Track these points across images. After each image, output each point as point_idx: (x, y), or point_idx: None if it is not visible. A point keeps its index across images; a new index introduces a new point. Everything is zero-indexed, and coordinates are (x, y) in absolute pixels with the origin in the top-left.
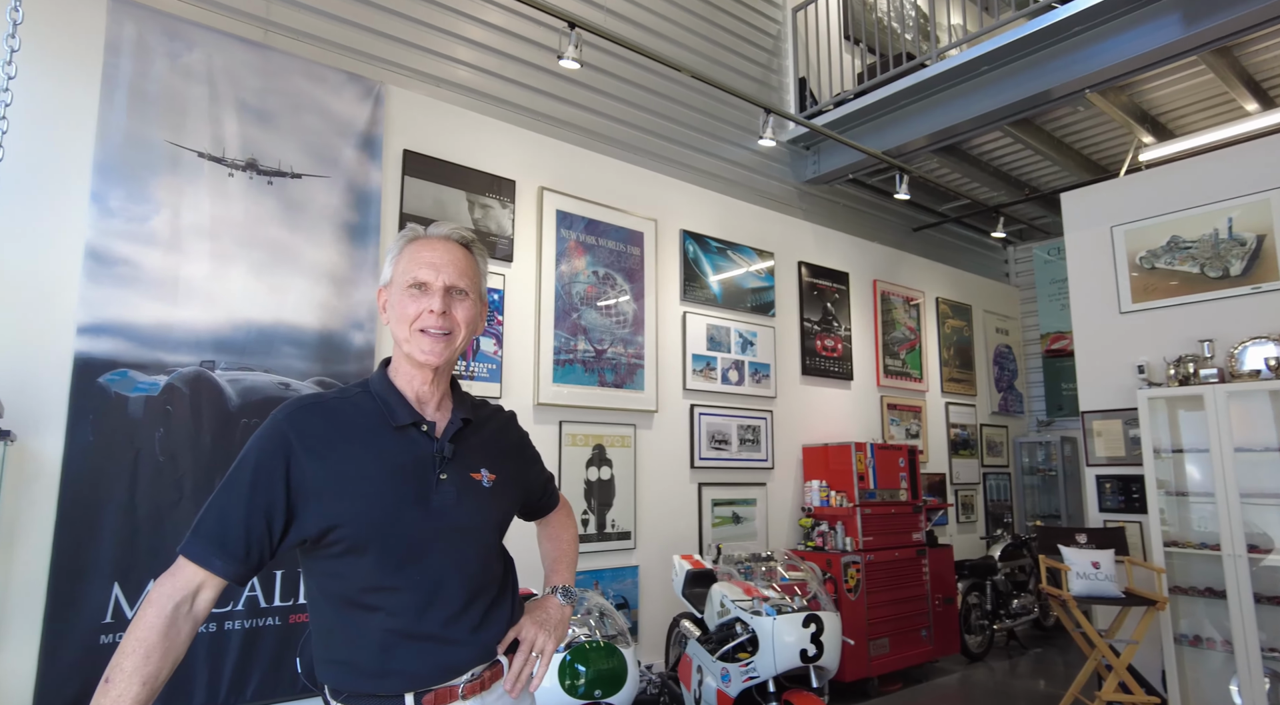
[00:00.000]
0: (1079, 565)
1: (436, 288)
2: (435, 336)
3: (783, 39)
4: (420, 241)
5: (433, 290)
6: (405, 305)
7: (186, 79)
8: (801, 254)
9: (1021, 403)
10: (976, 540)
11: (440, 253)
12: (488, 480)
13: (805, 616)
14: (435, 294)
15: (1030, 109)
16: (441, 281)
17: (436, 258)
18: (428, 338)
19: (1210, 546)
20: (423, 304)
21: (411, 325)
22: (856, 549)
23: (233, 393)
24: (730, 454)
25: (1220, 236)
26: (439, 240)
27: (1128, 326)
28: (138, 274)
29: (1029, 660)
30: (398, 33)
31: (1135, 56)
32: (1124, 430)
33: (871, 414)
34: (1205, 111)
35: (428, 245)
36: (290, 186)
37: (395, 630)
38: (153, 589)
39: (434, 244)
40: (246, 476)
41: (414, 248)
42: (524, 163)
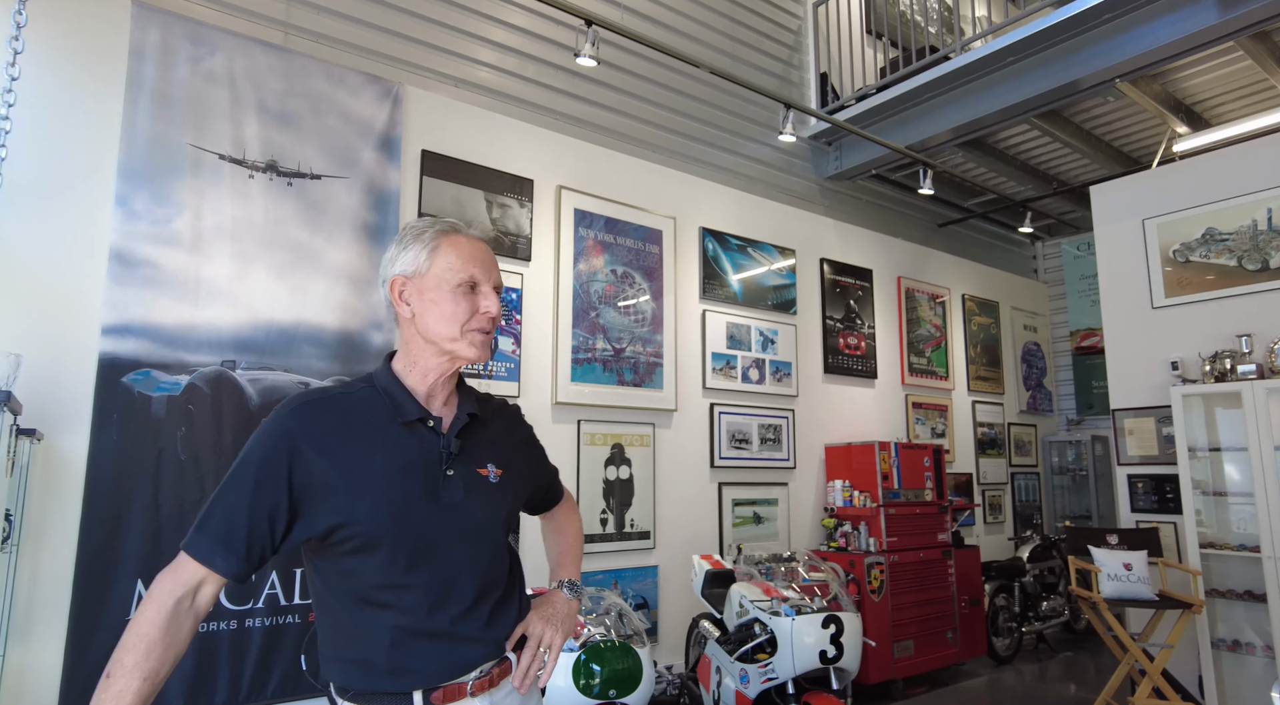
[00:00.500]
0: (1110, 567)
1: (489, 288)
2: (487, 334)
3: (804, 34)
4: (463, 237)
5: (487, 292)
6: (457, 302)
7: (208, 83)
8: (824, 251)
9: (1051, 401)
10: (1004, 541)
11: (483, 251)
12: (495, 476)
13: (825, 617)
14: (491, 296)
15: (1058, 100)
16: (493, 282)
17: (485, 256)
18: (484, 337)
19: (1250, 548)
20: (478, 304)
21: (465, 325)
22: (880, 550)
23: (253, 392)
24: (751, 453)
25: (1259, 228)
26: (479, 239)
27: (1161, 322)
28: (160, 275)
29: (1059, 664)
30: (416, 34)
31: (1168, 43)
32: (1157, 428)
33: (896, 413)
34: (1243, 99)
35: (471, 243)
36: (310, 187)
37: (406, 628)
38: (154, 584)
39: (475, 243)
40: (250, 474)
41: (456, 242)
42: (542, 162)
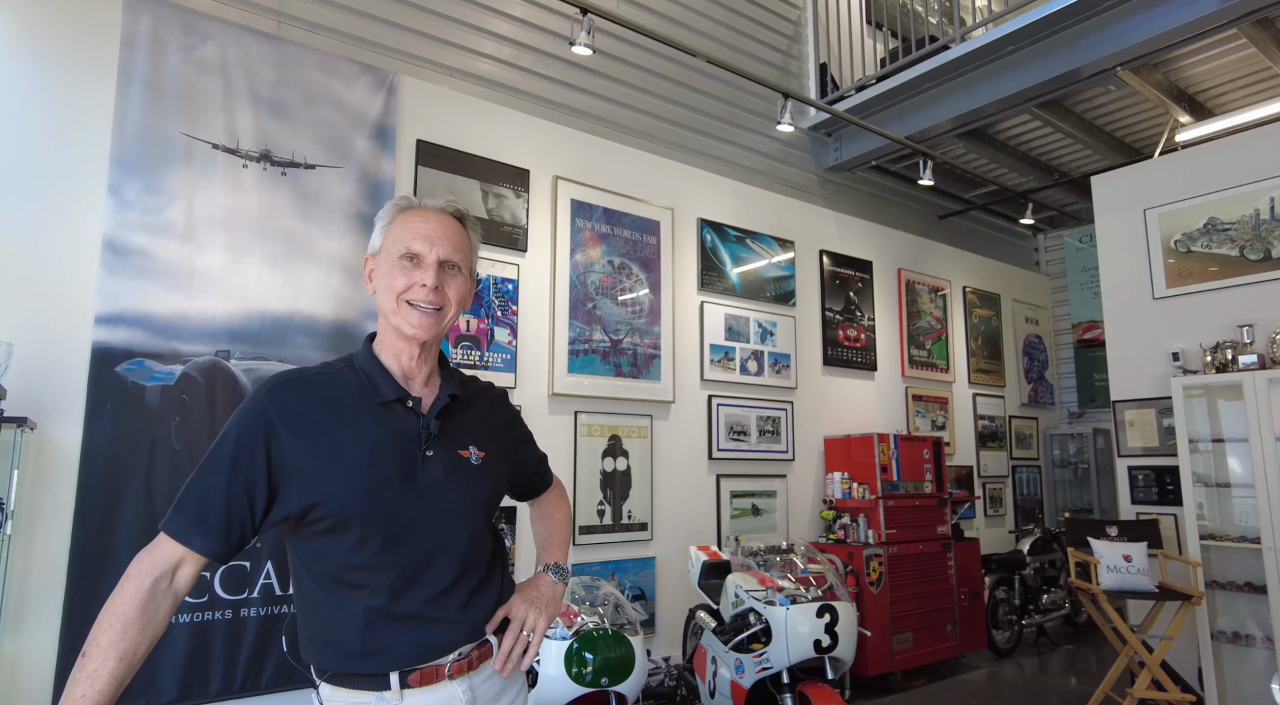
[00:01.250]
0: (1109, 558)
1: (430, 261)
2: (425, 311)
3: (803, 24)
4: (414, 211)
5: (426, 263)
6: (395, 276)
7: (201, 72)
8: (823, 242)
9: (1052, 394)
10: (1005, 534)
11: (435, 224)
12: (476, 458)
13: (820, 607)
14: (429, 268)
15: (1059, 89)
16: (435, 255)
17: (431, 229)
18: (416, 312)
19: (1250, 540)
20: (415, 277)
21: (400, 297)
22: (879, 542)
23: (248, 382)
24: (749, 445)
25: (1261, 217)
26: (433, 211)
27: (1161, 312)
28: (153, 265)
29: (1059, 657)
30: (410, 23)
31: (1170, 30)
32: (1158, 420)
33: (896, 405)
34: (1247, 87)
35: (421, 215)
36: (304, 177)
37: (378, 609)
38: (132, 564)
39: (428, 215)
40: (228, 454)
41: (406, 217)
42: (538, 152)
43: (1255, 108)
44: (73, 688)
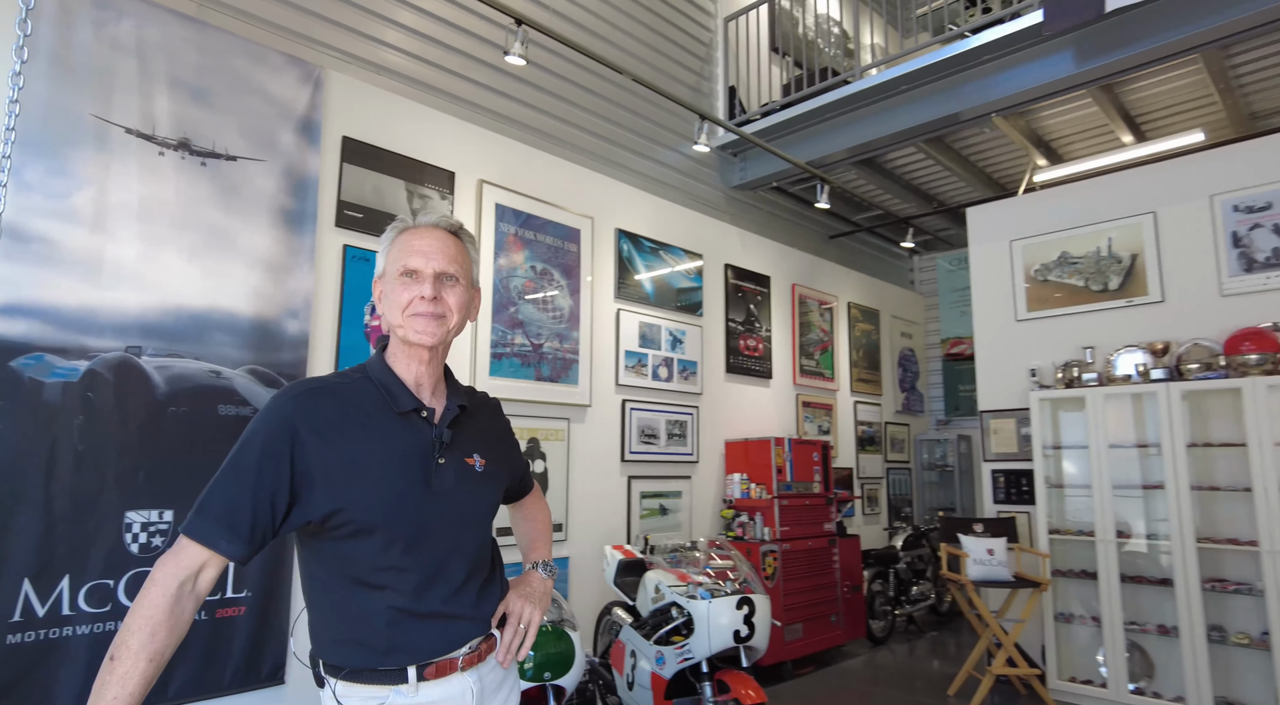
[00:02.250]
0: (976, 552)
1: (427, 274)
2: (428, 317)
3: (714, 47)
4: (410, 231)
5: (424, 277)
6: (398, 293)
7: (114, 50)
8: (728, 257)
9: (922, 402)
10: (880, 531)
11: (429, 240)
12: (480, 465)
13: (739, 599)
14: (426, 280)
15: (942, 128)
16: (432, 268)
17: (426, 245)
18: (420, 319)
19: (1086, 533)
20: (414, 291)
21: (404, 311)
22: (774, 538)
23: (161, 380)
24: (659, 448)
25: (1102, 254)
26: (427, 229)
27: (1022, 333)
28: (57, 253)
29: (926, 643)
30: (339, 17)
31: (1035, 86)
32: (1017, 428)
33: (788, 411)
34: (1090, 140)
35: (417, 234)
36: (225, 169)
37: (402, 607)
38: (156, 568)
39: (423, 232)
40: (253, 459)
41: (405, 237)
42: (464, 155)
43: (1097, 157)
44: (103, 690)
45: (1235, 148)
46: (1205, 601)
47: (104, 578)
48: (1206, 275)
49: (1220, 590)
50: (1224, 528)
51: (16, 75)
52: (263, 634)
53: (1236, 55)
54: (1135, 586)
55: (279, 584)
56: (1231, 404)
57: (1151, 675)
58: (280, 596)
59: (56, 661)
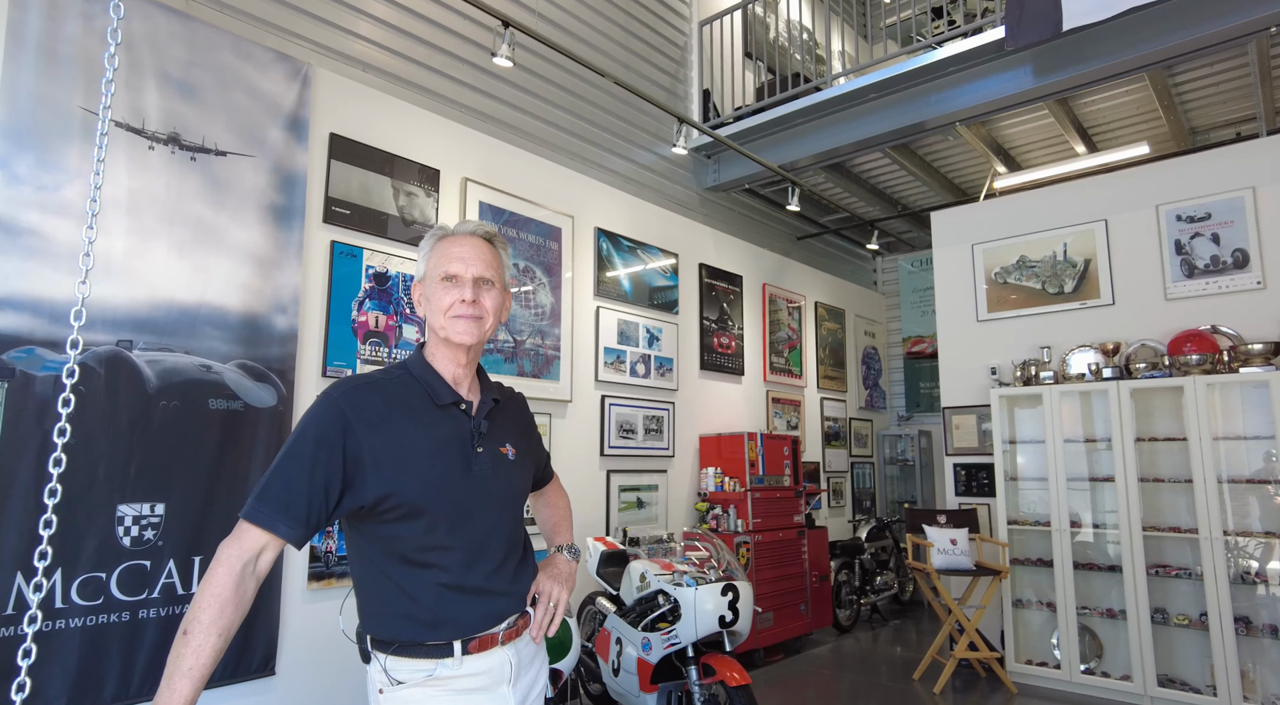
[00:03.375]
0: (940, 542)
1: (467, 279)
2: (469, 318)
3: (689, 51)
4: (450, 239)
5: (463, 281)
6: (440, 296)
7: (103, 44)
8: (702, 256)
9: (885, 399)
10: (845, 523)
11: (468, 248)
12: (512, 454)
13: (724, 585)
14: (466, 284)
15: (909, 136)
16: (471, 273)
17: (465, 252)
18: (462, 321)
19: (1042, 523)
20: (455, 294)
21: (447, 313)
22: (747, 530)
23: (152, 374)
24: (636, 443)
25: (1058, 258)
26: (465, 236)
27: (983, 333)
28: (48, 246)
29: (889, 631)
30: (327, 15)
31: (996, 98)
32: (978, 424)
33: (758, 407)
34: (1046, 149)
35: (456, 242)
36: (214, 164)
37: (448, 584)
38: (220, 551)
39: (461, 240)
40: (308, 448)
41: (444, 244)
42: (449, 153)
43: (1052, 166)
44: (179, 661)
45: (1178, 161)
46: (1150, 586)
47: (96, 571)
48: (1152, 280)
49: (1163, 575)
50: (1167, 517)
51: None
52: (253, 625)
53: (1178, 75)
54: (1087, 573)
55: (269, 578)
56: (1174, 401)
57: (1101, 656)
58: (270, 588)
59: (48, 654)
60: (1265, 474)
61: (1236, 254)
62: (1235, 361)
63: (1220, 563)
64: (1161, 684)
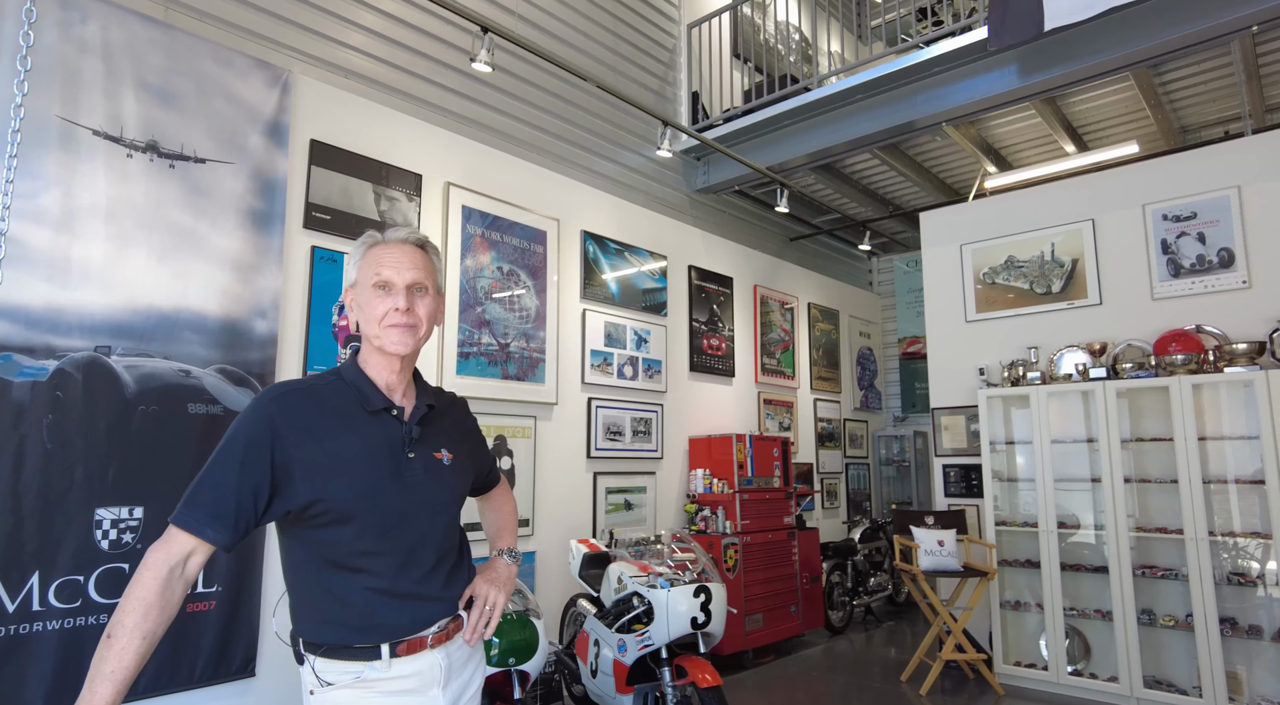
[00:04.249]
0: (927, 543)
1: (400, 286)
2: (403, 328)
3: (678, 53)
4: (381, 246)
5: (396, 289)
6: (373, 305)
7: (80, 51)
8: (692, 258)
9: (880, 400)
10: (839, 524)
11: (399, 254)
12: (448, 459)
13: (696, 587)
14: (399, 292)
15: (898, 136)
16: (404, 280)
17: (396, 259)
18: (396, 330)
19: (1030, 524)
20: (388, 303)
21: (380, 322)
22: (735, 532)
23: (130, 380)
24: (624, 445)
25: (1046, 258)
26: (397, 243)
27: (972, 333)
28: (23, 253)
29: (883, 632)
30: (306, 21)
31: (983, 98)
32: (967, 425)
33: (749, 408)
34: (1035, 149)
35: (388, 249)
36: (194, 171)
37: (378, 589)
38: (148, 555)
39: (393, 247)
40: (237, 453)
41: (376, 252)
42: (431, 157)
43: (1041, 166)
44: (100, 664)
45: (1164, 160)
46: (1137, 587)
47: (74, 574)
48: (1139, 280)
49: (1150, 576)
50: (1154, 517)
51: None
52: (233, 627)
53: (1166, 73)
54: (1075, 574)
55: (249, 579)
56: (1161, 401)
57: (1089, 657)
58: (250, 591)
59: (26, 657)
60: (1251, 474)
61: (1222, 253)
62: (1220, 361)
63: (1206, 563)
64: (1148, 685)
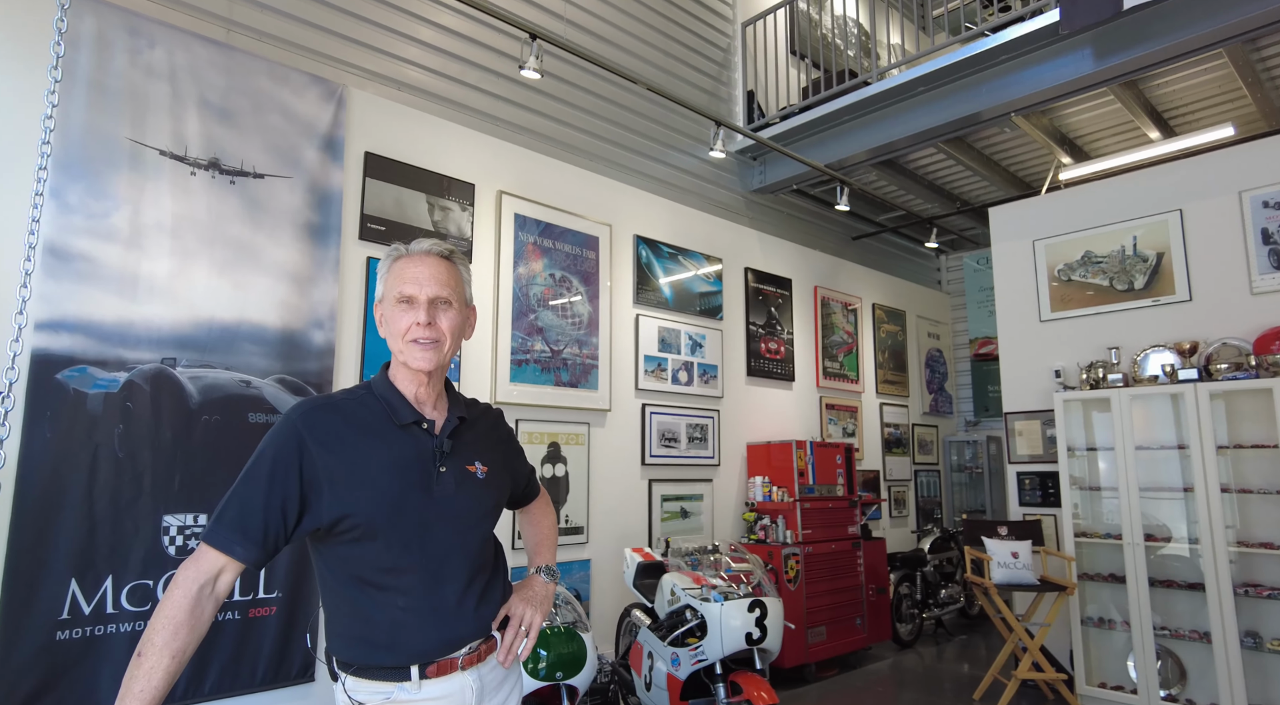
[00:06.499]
0: (1000, 555)
1: (421, 301)
2: (425, 345)
3: (732, 52)
4: (405, 259)
5: (418, 303)
6: (396, 319)
7: (148, 76)
8: (748, 260)
9: (951, 404)
10: (908, 534)
11: (423, 267)
12: (481, 472)
13: (750, 602)
14: (420, 307)
15: (962, 129)
16: (425, 294)
17: (420, 272)
18: (418, 347)
19: (1114, 536)
20: (410, 317)
21: (404, 337)
22: (796, 542)
23: (194, 390)
24: (679, 451)
25: (1127, 253)
26: (420, 255)
27: (1047, 333)
28: (97, 270)
29: (955, 646)
30: (360, 36)
31: (1054, 86)
32: (1042, 430)
33: (811, 413)
34: (1115, 136)
35: (411, 262)
36: (252, 186)
37: (406, 607)
38: (178, 572)
39: (416, 259)
40: (265, 470)
41: (400, 265)
42: (483, 166)
43: (1122, 154)
44: (131, 683)
45: (1264, 142)
46: (1239, 606)
47: (143, 578)
48: (1235, 273)
49: (1255, 595)
50: (1258, 531)
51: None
52: (292, 633)
53: (1265, 48)
54: (1166, 591)
55: (307, 585)
56: (1263, 404)
57: (1184, 681)
58: (309, 597)
59: (100, 657)
60: None
61: None
62: None
63: None
64: None
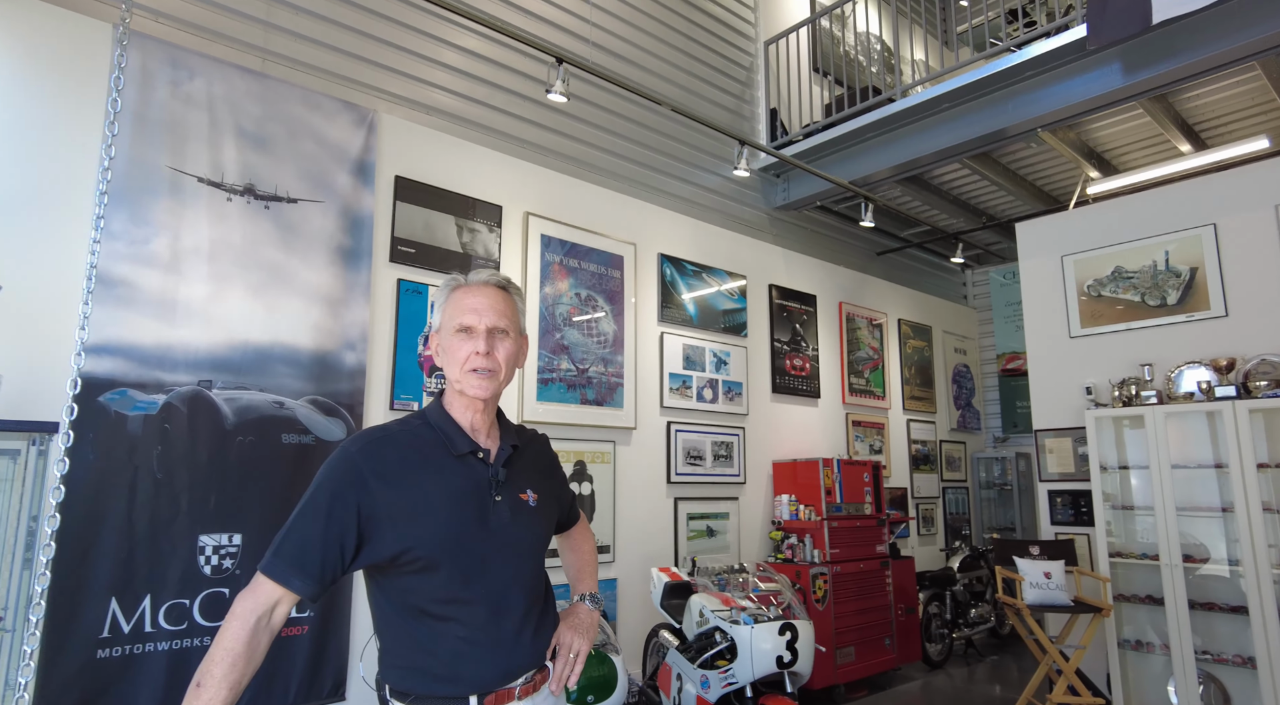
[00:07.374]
0: (1032, 575)
1: (480, 331)
2: (483, 374)
3: (755, 71)
4: (463, 289)
5: (477, 333)
6: (455, 349)
7: (187, 106)
8: (772, 277)
9: (979, 420)
10: (937, 552)
11: (481, 298)
12: (533, 500)
13: (781, 625)
14: (480, 337)
15: (988, 145)
16: (485, 324)
17: (478, 303)
18: (477, 376)
19: (1150, 557)
20: (469, 347)
21: (463, 367)
22: (824, 561)
23: (229, 411)
24: (705, 469)
25: (1158, 268)
26: (479, 286)
27: (1077, 350)
28: (138, 295)
29: (986, 667)
30: (390, 62)
31: (1082, 101)
32: (1074, 447)
33: (837, 430)
34: (1145, 150)
35: (469, 292)
36: (286, 211)
37: (466, 638)
38: (235, 604)
39: (474, 290)
40: (323, 503)
41: (458, 295)
42: (510, 188)
43: (1152, 168)
44: None
45: None
46: None
47: (180, 597)
48: (1273, 287)
49: None
50: None
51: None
52: (324, 652)
53: None
54: (1207, 613)
55: (339, 605)
56: None
57: None
58: (340, 617)
59: (138, 676)
60: None
61: None
62: None
63: None
64: None
